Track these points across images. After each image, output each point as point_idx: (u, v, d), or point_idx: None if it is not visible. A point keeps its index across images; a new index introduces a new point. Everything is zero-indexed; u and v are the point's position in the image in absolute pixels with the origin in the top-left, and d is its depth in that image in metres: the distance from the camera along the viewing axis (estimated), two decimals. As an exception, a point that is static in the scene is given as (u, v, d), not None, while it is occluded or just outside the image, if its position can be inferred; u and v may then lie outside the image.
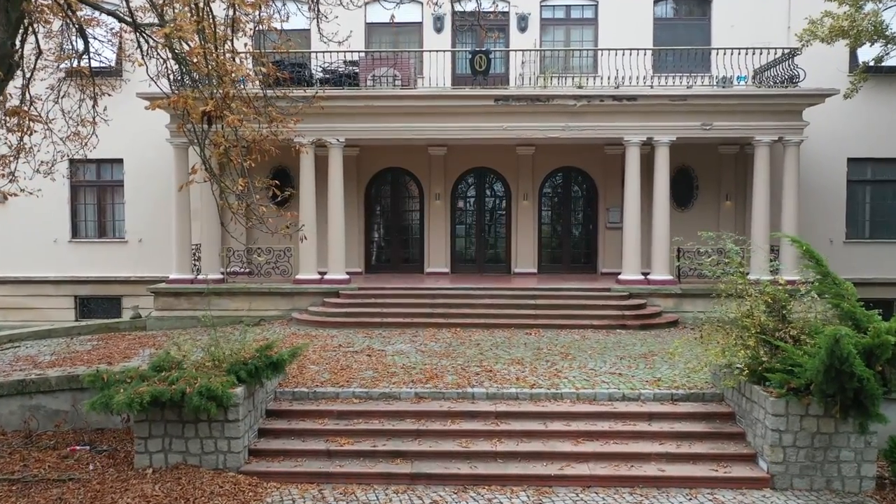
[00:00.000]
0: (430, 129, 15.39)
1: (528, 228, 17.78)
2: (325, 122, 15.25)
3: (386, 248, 18.70)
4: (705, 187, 17.69)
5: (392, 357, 11.41)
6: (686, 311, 14.99)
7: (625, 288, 15.09)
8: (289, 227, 9.06)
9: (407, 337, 13.05)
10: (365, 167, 17.98)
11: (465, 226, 18.45)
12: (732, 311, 9.11)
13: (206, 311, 15.06)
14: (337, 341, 12.77)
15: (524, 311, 14.29)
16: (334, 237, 15.56)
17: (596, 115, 15.20)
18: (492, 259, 18.39)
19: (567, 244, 18.30)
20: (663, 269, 15.36)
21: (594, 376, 10.18)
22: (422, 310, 14.37)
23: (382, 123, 15.34)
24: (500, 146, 17.55)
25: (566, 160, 17.85)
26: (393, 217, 18.51)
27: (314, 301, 15.20)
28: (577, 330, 13.63)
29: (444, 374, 10.29)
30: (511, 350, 11.90)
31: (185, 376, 7.78)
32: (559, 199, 18.41)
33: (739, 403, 8.81)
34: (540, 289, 15.20)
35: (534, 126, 15.29)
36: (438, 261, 17.84)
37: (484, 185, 18.35)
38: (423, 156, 17.80)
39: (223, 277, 15.84)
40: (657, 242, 15.36)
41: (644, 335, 13.32)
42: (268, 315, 15.25)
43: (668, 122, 15.15)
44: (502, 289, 15.23)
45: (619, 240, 17.38)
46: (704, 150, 17.33)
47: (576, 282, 16.02)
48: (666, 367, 10.72)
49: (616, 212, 17.57)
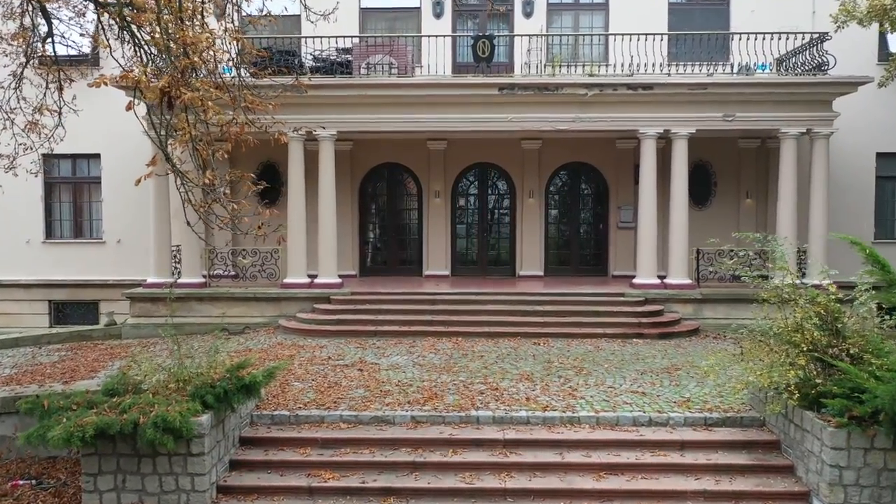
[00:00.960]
0: (428, 120, 14.20)
1: (534, 228, 16.60)
2: (315, 113, 14.10)
3: (382, 250, 17.51)
4: (724, 184, 16.51)
5: (386, 372, 10.22)
6: (706, 318, 13.81)
7: (640, 292, 13.91)
8: (261, 228, 7.73)
9: (403, 347, 11.87)
10: (359, 163, 16.79)
11: (466, 225, 17.27)
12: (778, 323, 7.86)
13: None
14: (326, 353, 11.59)
15: (531, 319, 13.11)
16: (325, 238, 14.38)
17: (608, 106, 14.02)
18: (495, 261, 17.21)
19: (575, 245, 17.11)
20: (681, 272, 14.18)
21: (614, 395, 9.00)
22: (420, 317, 13.19)
23: (377, 114, 14.16)
24: (504, 140, 16.37)
25: (575, 155, 16.67)
26: (389, 216, 17.33)
27: (303, 307, 14.02)
28: (590, 339, 12.44)
29: (445, 392, 9.11)
30: (518, 363, 10.72)
31: (140, 403, 6.60)
32: (567, 197, 17.23)
33: (786, 430, 7.62)
34: (548, 293, 14.01)
35: (541, 117, 14.11)
36: (438, 263, 16.66)
37: (486, 181, 17.17)
38: (421, 151, 16.63)
39: (205, 281, 14.66)
40: (674, 243, 14.18)
41: (664, 345, 12.14)
42: (253, 322, 14.07)
43: (686, 114, 13.97)
44: (507, 293, 14.05)
45: (631, 240, 16.26)
46: (723, 145, 16.15)
47: (586, 286, 14.84)
48: (694, 385, 9.54)
49: (628, 210, 16.39)
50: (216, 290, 14.29)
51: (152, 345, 13.07)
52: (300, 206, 14.37)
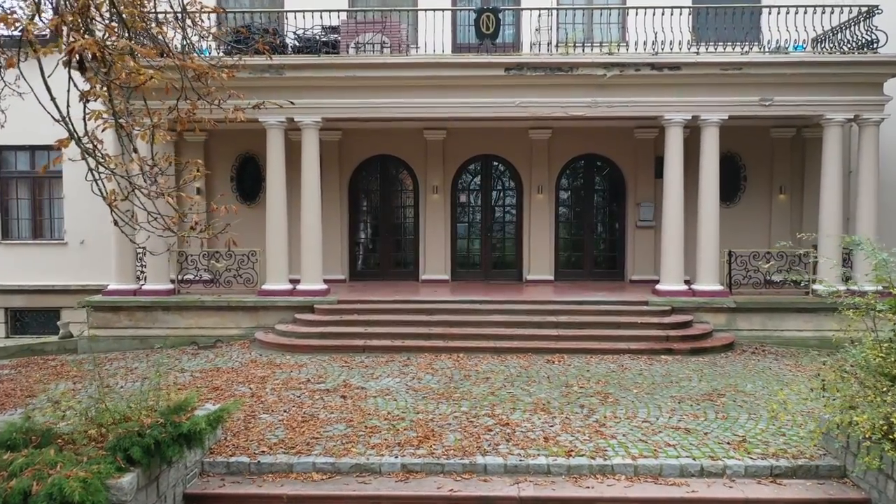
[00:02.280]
0: (425, 105, 12.53)
1: (543, 227, 14.93)
2: (297, 97, 12.39)
3: (374, 251, 15.84)
4: (755, 178, 14.85)
5: (374, 400, 8.56)
6: (741, 330, 12.17)
7: (665, 300, 12.25)
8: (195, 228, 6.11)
9: (396, 367, 10.21)
10: (349, 155, 15.12)
11: (467, 224, 15.61)
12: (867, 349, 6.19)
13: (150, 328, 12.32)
14: (306, 373, 9.93)
15: (543, 332, 11.45)
16: (308, 238, 12.71)
17: (629, 89, 12.35)
18: (500, 264, 15.54)
19: (589, 246, 15.44)
20: (711, 277, 12.52)
21: (651, 433, 7.34)
22: (415, 329, 11.52)
23: (367, 98, 12.49)
24: (511, 129, 14.71)
25: (588, 146, 15.01)
26: (382, 214, 15.65)
27: (283, 317, 12.36)
28: (612, 356, 10.79)
29: (444, 429, 7.45)
30: (531, 387, 9.07)
31: (38, 463, 4.93)
32: (580, 193, 15.55)
33: (883, 488, 5.96)
34: (561, 302, 12.35)
35: (553, 102, 12.44)
36: (436, 266, 14.99)
37: (490, 175, 15.50)
38: (417, 141, 14.96)
39: (174, 288, 12.99)
40: (704, 244, 12.51)
41: (697, 363, 10.49)
42: (227, 334, 12.40)
43: (718, 97, 12.31)
44: (514, 302, 12.39)
45: (651, 241, 14.63)
46: (754, 134, 14.50)
47: (603, 292, 13.18)
48: (745, 418, 7.88)
49: (648, 208, 14.73)
50: (185, 298, 12.62)
51: (110, 361, 11.43)
52: (280, 202, 12.71)
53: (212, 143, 15.01)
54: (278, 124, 12.55)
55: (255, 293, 12.72)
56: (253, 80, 12.22)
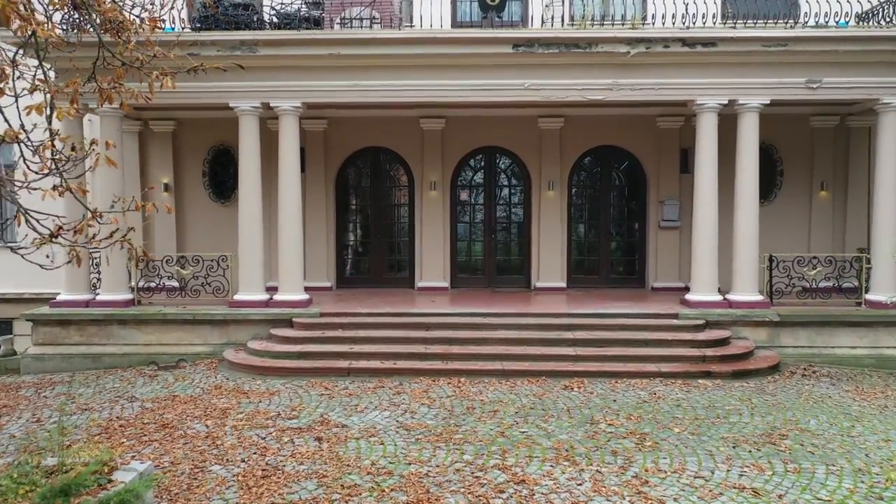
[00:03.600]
0: (421, 88, 10.88)
1: (554, 228, 13.29)
2: (273, 79, 10.83)
3: (364, 255, 14.19)
4: (793, 173, 13.23)
5: (356, 443, 6.92)
6: (785, 347, 10.55)
7: (697, 312, 10.62)
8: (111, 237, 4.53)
9: (386, 395, 8.57)
10: (335, 147, 13.49)
11: (468, 225, 13.98)
12: None
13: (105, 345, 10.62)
14: (277, 404, 8.28)
15: (558, 350, 9.81)
16: (287, 241, 11.07)
17: (656, 69, 10.72)
18: (505, 269, 13.91)
19: (605, 249, 13.80)
20: (750, 286, 10.89)
21: (710, 497, 5.69)
22: (410, 347, 9.89)
23: (355, 80, 10.84)
24: (518, 118, 13.10)
25: (605, 137, 13.37)
26: (374, 213, 14.01)
27: (257, 332, 10.72)
28: (640, 380, 9.17)
29: (443, 490, 5.79)
30: (549, 425, 7.43)
31: None
32: (595, 190, 13.90)
33: None
34: (577, 314, 10.71)
35: (568, 84, 10.80)
36: (434, 272, 13.35)
37: (495, 170, 13.86)
38: (413, 131, 13.34)
39: (133, 298, 11.33)
40: (741, 248, 10.89)
41: (743, 390, 8.85)
42: (192, 352, 10.76)
43: (759, 79, 10.67)
44: (524, 314, 10.75)
45: (675, 243, 13.01)
46: (791, 123, 12.89)
47: (625, 302, 11.56)
48: (822, 470, 6.23)
49: (673, 206, 13.10)
50: (144, 310, 10.96)
51: (53, 385, 9.80)
52: (254, 200, 11.06)
53: (181, 133, 13.38)
54: (252, 110, 10.91)
55: (226, 304, 11.09)
56: (221, 58, 10.56)
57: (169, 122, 13.14)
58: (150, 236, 13.37)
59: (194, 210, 13.50)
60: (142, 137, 13.28)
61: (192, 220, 13.51)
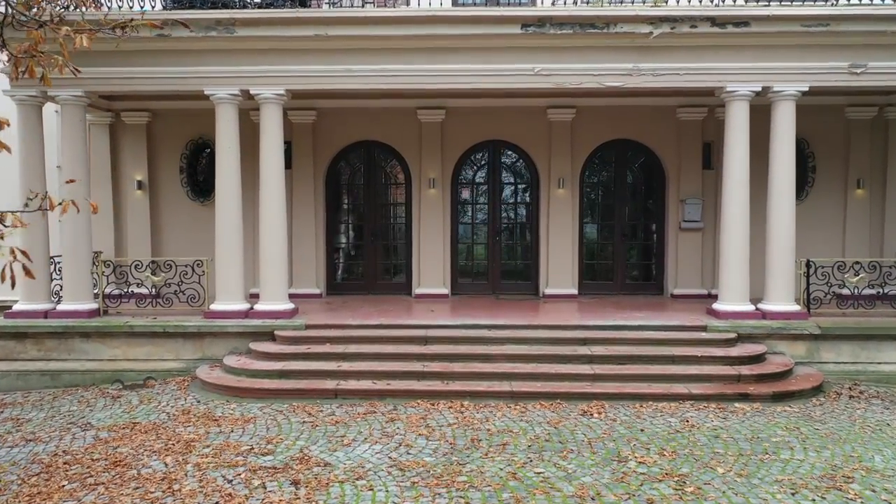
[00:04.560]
0: (418, 74, 9.75)
1: (565, 230, 12.16)
2: (253, 64, 9.70)
3: (357, 259, 13.05)
4: (826, 169, 12.12)
5: (339, 489, 5.77)
6: (826, 363, 9.43)
7: (727, 324, 9.50)
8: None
9: (377, 423, 7.43)
10: (326, 140, 12.35)
11: (471, 226, 12.85)
12: None
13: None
14: (251, 435, 7.15)
15: (573, 368, 8.67)
16: (270, 245, 9.94)
17: (682, 52, 9.59)
18: (511, 275, 12.78)
19: (620, 253, 12.67)
20: (786, 294, 9.78)
21: (777, 566, 4.56)
22: (406, 365, 8.75)
23: (344, 65, 9.71)
24: (525, 109, 11.99)
25: (620, 130, 12.25)
26: (368, 213, 12.87)
27: (236, 346, 9.60)
28: (669, 404, 8.04)
29: (444, 556, 4.67)
30: (568, 462, 6.29)
31: None
32: (609, 188, 12.77)
33: None
34: (593, 326, 9.58)
35: (583, 69, 9.67)
36: (433, 277, 12.21)
37: (499, 166, 12.72)
38: (410, 123, 12.21)
39: (98, 307, 10.20)
40: (775, 252, 9.77)
41: (787, 415, 7.72)
42: (163, 368, 9.62)
43: (797, 62, 9.55)
44: (533, 326, 9.62)
45: (697, 246, 11.90)
46: (825, 115, 11.79)
47: (644, 312, 10.45)
48: (910, 527, 5.11)
49: (695, 205, 11.97)
50: (109, 322, 9.82)
51: (3, 407, 8.66)
52: (233, 198, 9.93)
53: (156, 125, 12.25)
54: (230, 98, 9.78)
55: (202, 314, 9.96)
56: (196, 41, 9.47)
57: (142, 113, 12.01)
58: (123, 239, 12.25)
59: (171, 210, 12.36)
60: (113, 130, 12.15)
61: (168, 220, 12.37)
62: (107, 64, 9.58)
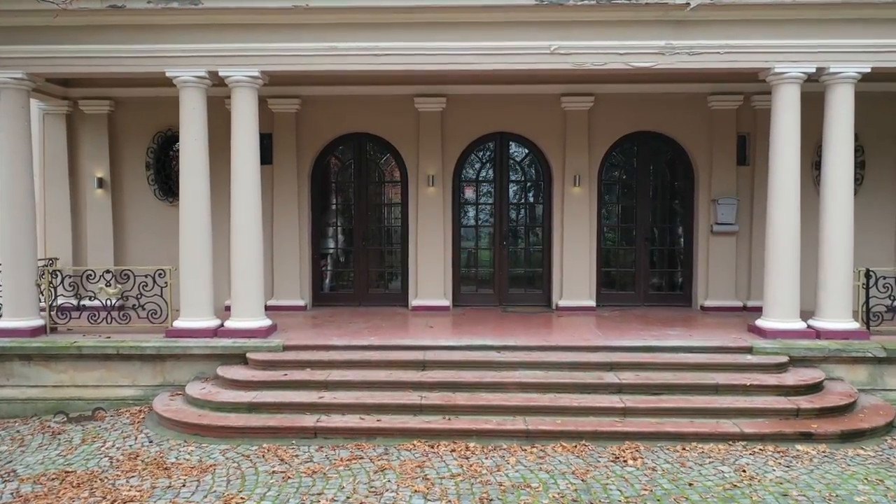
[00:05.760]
0: (414, 53, 8.35)
1: (581, 233, 10.78)
2: (223, 40, 8.33)
3: (347, 266, 11.65)
4: (877, 164, 10.75)
5: (309, 580, 4.40)
6: (890, 391, 8.05)
7: (778, 346, 8.12)
8: None
9: (363, 475, 6.04)
10: (311, 132, 10.96)
11: (475, 229, 11.46)
12: None
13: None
14: (204, 493, 5.75)
15: (600, 400, 7.27)
16: (242, 251, 8.55)
17: (723, 27, 8.21)
18: (520, 283, 11.40)
19: (643, 259, 11.27)
20: (843, 310, 8.40)
21: None
22: (400, 395, 7.36)
23: (328, 42, 8.32)
24: (536, 97, 10.63)
25: (643, 120, 10.86)
26: (359, 215, 11.46)
27: (204, 370, 8.21)
28: (717, 445, 6.65)
29: None
30: (605, 536, 4.91)
31: None
32: (630, 186, 11.36)
33: None
34: (619, 347, 8.19)
35: (607, 47, 8.28)
36: (432, 287, 10.83)
37: (507, 161, 11.33)
38: (407, 113, 10.82)
39: (45, 324, 8.80)
40: (830, 259, 8.40)
41: (864, 462, 6.34)
42: (117, 396, 8.24)
43: (857, 39, 8.17)
44: (549, 347, 8.23)
45: (731, 251, 10.55)
46: (874, 103, 10.40)
47: (676, 329, 9.09)
48: None
49: (729, 206, 10.59)
50: (55, 342, 8.42)
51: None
52: (201, 198, 8.54)
53: (120, 116, 10.87)
54: (195, 81, 8.39)
55: (164, 332, 8.57)
56: (155, 14, 8.09)
57: (103, 101, 10.62)
58: (81, 244, 10.86)
59: (137, 211, 10.97)
60: (71, 121, 10.76)
61: (134, 223, 10.99)
62: (52, 41, 8.22)
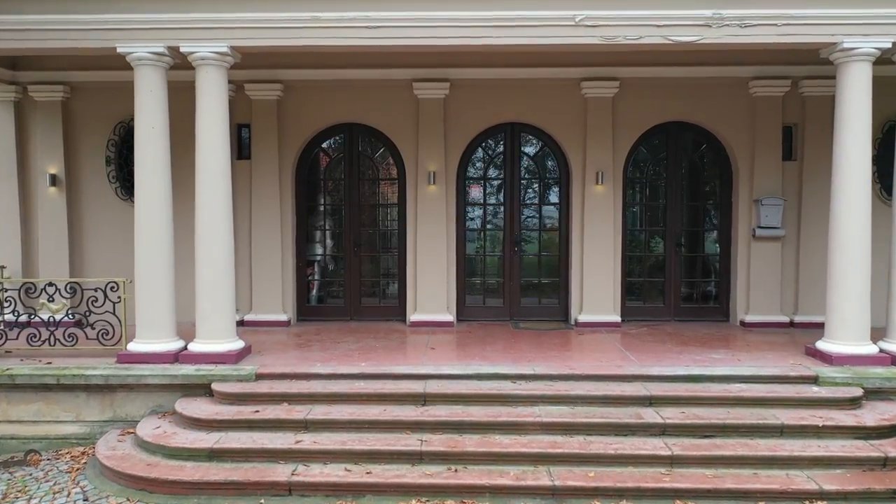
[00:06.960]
0: (412, 24, 6.99)
1: (604, 238, 9.42)
2: (185, 10, 6.97)
3: (336, 275, 10.28)
4: (944, 159, 9.38)
5: None
6: (984, 427, 6.67)
7: (850, 375, 6.77)
8: None
9: (346, 551, 4.71)
10: (295, 123, 9.60)
11: (482, 232, 10.11)
12: None
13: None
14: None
15: (639, 445, 5.92)
16: (208, 260, 7.20)
17: (779, -5, 6.89)
18: (533, 293, 10.05)
19: (674, 267, 9.92)
20: (921, 330, 7.07)
21: None
22: (395, 439, 6.01)
23: (311, 12, 6.98)
24: (552, 82, 9.31)
25: (675, 109, 9.51)
26: (350, 217, 10.10)
27: (162, 402, 6.88)
28: (791, 509, 5.32)
29: None
30: None
31: None
32: (660, 183, 10.00)
33: None
34: (658, 377, 6.84)
35: (642, 17, 6.94)
36: (433, 299, 9.48)
37: (518, 156, 9.97)
38: (405, 101, 9.48)
39: (-23, 346, 7.47)
40: (906, 271, 7.07)
41: (982, 533, 5.00)
42: (58, 434, 6.91)
43: (943, 7, 6.85)
44: (575, 377, 6.87)
45: (776, 259, 9.21)
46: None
47: (719, 351, 7.75)
48: None
49: (774, 207, 9.23)
50: (-17, 368, 7.09)
51: None
52: (159, 196, 7.19)
53: (76, 104, 9.52)
54: (153, 58, 7.04)
55: (115, 356, 7.23)
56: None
57: (57, 86, 9.27)
58: (32, 251, 9.53)
59: (96, 212, 9.63)
60: (20, 110, 9.42)
61: (93, 225, 9.65)
62: None
